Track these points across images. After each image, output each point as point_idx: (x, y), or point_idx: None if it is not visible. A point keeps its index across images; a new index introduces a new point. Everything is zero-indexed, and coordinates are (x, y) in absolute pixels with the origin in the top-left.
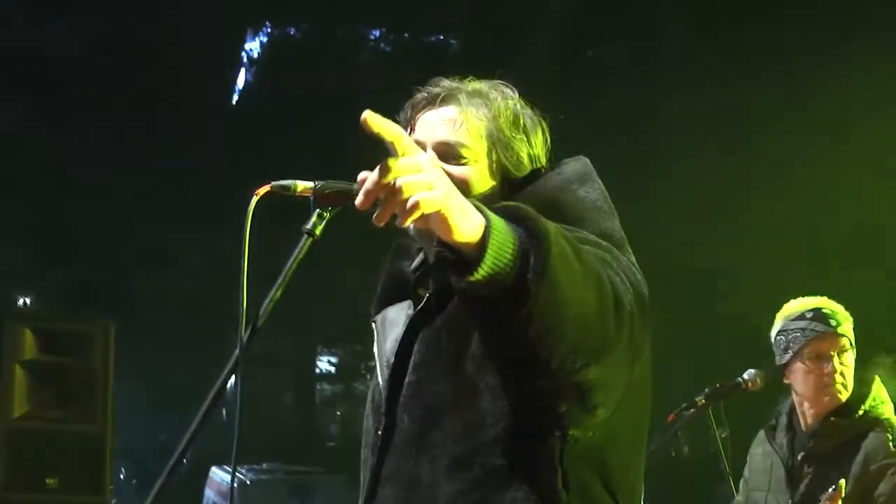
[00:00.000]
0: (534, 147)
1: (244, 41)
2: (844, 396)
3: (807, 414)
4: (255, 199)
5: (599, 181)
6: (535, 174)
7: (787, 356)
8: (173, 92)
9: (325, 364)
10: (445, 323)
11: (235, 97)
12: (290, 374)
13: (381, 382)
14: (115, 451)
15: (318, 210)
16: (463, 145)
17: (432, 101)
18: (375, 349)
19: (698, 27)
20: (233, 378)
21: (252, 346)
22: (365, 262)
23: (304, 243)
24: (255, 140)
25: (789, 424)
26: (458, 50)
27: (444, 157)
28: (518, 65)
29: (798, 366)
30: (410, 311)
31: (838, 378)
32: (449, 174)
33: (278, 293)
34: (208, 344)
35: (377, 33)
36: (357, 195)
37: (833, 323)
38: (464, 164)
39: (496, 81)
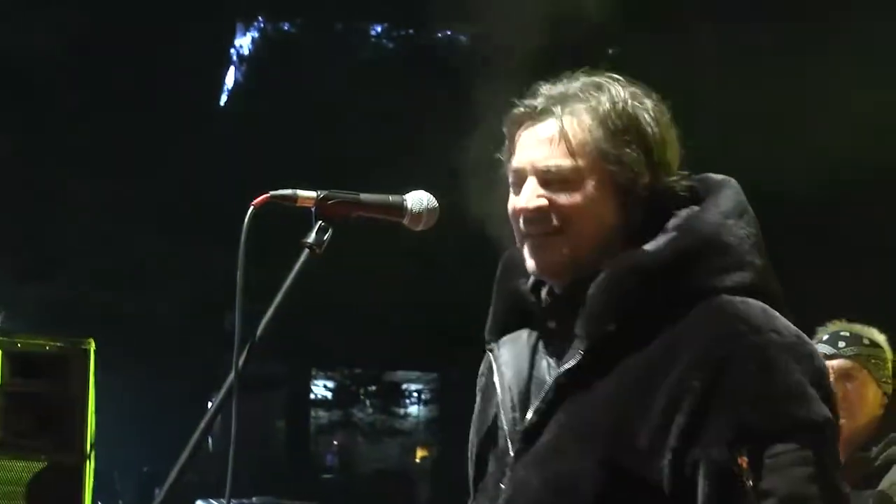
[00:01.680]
0: (655, 151)
1: (234, 37)
2: (846, 427)
3: None
4: (251, 210)
5: (750, 208)
6: (665, 188)
7: None
8: (157, 95)
9: (320, 388)
10: (607, 394)
11: (224, 98)
12: (283, 399)
13: (505, 427)
14: (94, 483)
15: (320, 222)
16: (564, 167)
17: (529, 117)
18: (497, 384)
19: None
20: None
21: (247, 368)
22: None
23: (305, 258)
24: (247, 145)
25: None
26: (467, 46)
27: (546, 185)
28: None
29: None
30: (532, 342)
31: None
32: (555, 205)
33: (276, 311)
34: (198, 366)
35: (379, 29)
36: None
37: (841, 345)
38: (571, 190)
39: (605, 74)
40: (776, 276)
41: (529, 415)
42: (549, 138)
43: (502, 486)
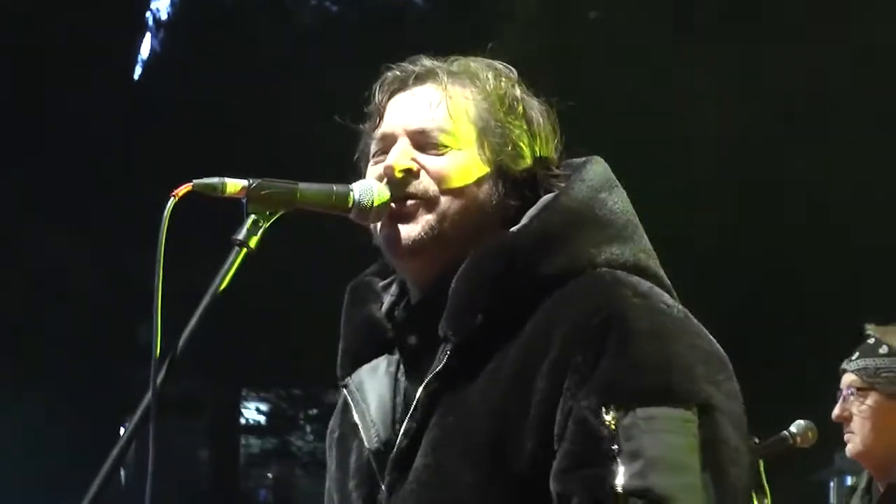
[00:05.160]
0: (538, 140)
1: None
2: (853, 449)
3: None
4: (172, 202)
5: (620, 186)
6: (542, 175)
7: None
8: (60, 68)
9: (251, 412)
10: (485, 396)
11: (138, 71)
12: (207, 425)
13: (372, 462)
14: None
15: (252, 216)
16: (443, 130)
17: (405, 81)
18: (357, 419)
19: None
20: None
21: (165, 388)
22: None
23: (236, 257)
24: (166, 127)
25: (868, 487)
26: (421, 12)
27: (420, 148)
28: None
29: None
30: (393, 369)
31: (846, 426)
32: (426, 168)
33: (200, 320)
34: (107, 386)
35: None
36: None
37: (855, 356)
38: (444, 153)
39: (491, 61)
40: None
41: (398, 439)
42: (427, 101)
43: None
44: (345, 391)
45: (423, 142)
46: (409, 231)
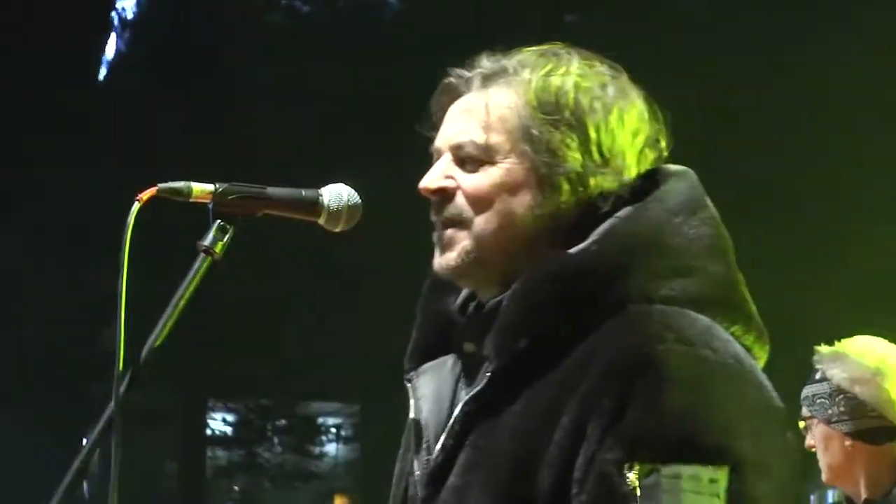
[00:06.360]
0: (598, 142)
1: None
2: (823, 478)
3: None
4: (136, 207)
5: (710, 205)
6: (612, 190)
7: None
8: (22, 67)
9: (218, 423)
10: (517, 424)
11: (103, 71)
12: (173, 436)
13: (417, 472)
14: None
15: (218, 221)
16: (477, 144)
17: (457, 89)
18: (412, 415)
19: None
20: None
21: (129, 398)
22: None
23: (201, 264)
24: (132, 130)
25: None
26: (397, 11)
27: (460, 163)
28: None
29: None
30: (458, 370)
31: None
32: (462, 189)
33: (166, 329)
34: (67, 396)
35: None
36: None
37: (811, 379)
38: (479, 170)
39: (559, 46)
40: (749, 293)
41: (435, 454)
42: (466, 109)
43: None
44: (408, 385)
45: (461, 156)
46: (447, 259)
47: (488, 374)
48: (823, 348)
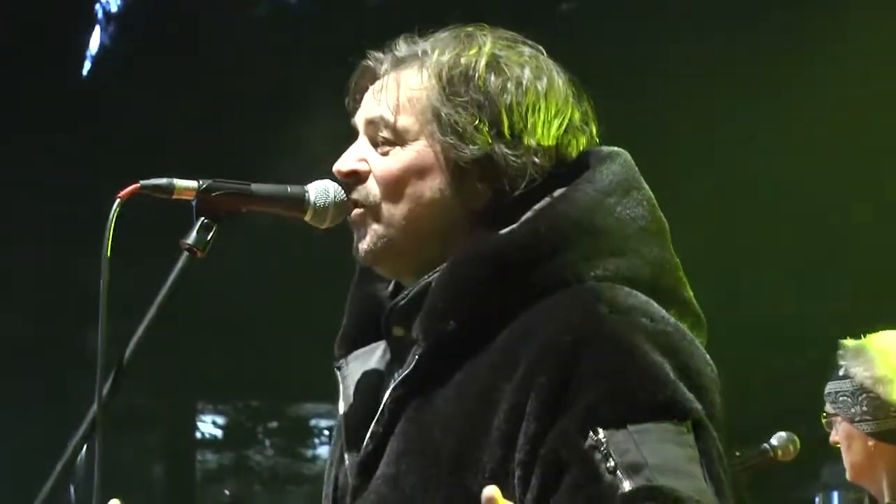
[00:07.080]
0: (510, 122)
1: None
2: (848, 476)
3: None
4: (118, 204)
5: (645, 186)
6: (534, 170)
7: None
8: (2, 62)
9: (207, 425)
10: (450, 408)
11: (87, 67)
12: (161, 439)
13: (345, 461)
14: None
15: (202, 218)
16: (387, 125)
17: (373, 71)
18: (340, 407)
19: None
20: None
21: (113, 400)
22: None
23: (184, 262)
24: (116, 125)
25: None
26: (388, 3)
27: (375, 147)
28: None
29: None
30: (388, 356)
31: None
32: (373, 171)
33: (148, 328)
34: (48, 396)
35: None
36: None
37: (835, 375)
38: (388, 152)
39: (477, 27)
40: (683, 275)
41: (364, 443)
42: (379, 91)
43: None
44: (337, 373)
45: (374, 137)
46: (361, 243)
47: (416, 357)
48: (848, 342)
